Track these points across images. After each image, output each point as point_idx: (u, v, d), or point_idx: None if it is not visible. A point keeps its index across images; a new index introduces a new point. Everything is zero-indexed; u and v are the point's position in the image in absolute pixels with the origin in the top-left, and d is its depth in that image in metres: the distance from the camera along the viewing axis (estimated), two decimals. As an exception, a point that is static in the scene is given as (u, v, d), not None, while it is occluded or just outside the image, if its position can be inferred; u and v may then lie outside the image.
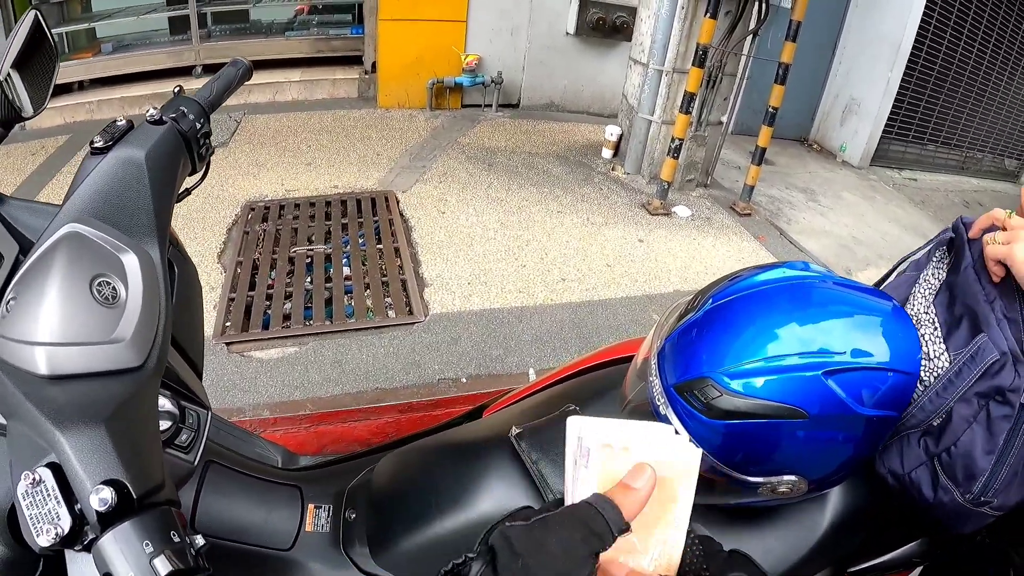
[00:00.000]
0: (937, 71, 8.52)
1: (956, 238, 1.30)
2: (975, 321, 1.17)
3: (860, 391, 1.07)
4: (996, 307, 1.14)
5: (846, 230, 6.48)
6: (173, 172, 1.03)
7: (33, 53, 1.10)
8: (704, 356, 1.11)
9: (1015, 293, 1.14)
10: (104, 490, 0.67)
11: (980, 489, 1.14)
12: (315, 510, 1.39)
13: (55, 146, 5.70)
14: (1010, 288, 1.15)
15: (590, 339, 3.91)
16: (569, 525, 0.73)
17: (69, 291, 0.80)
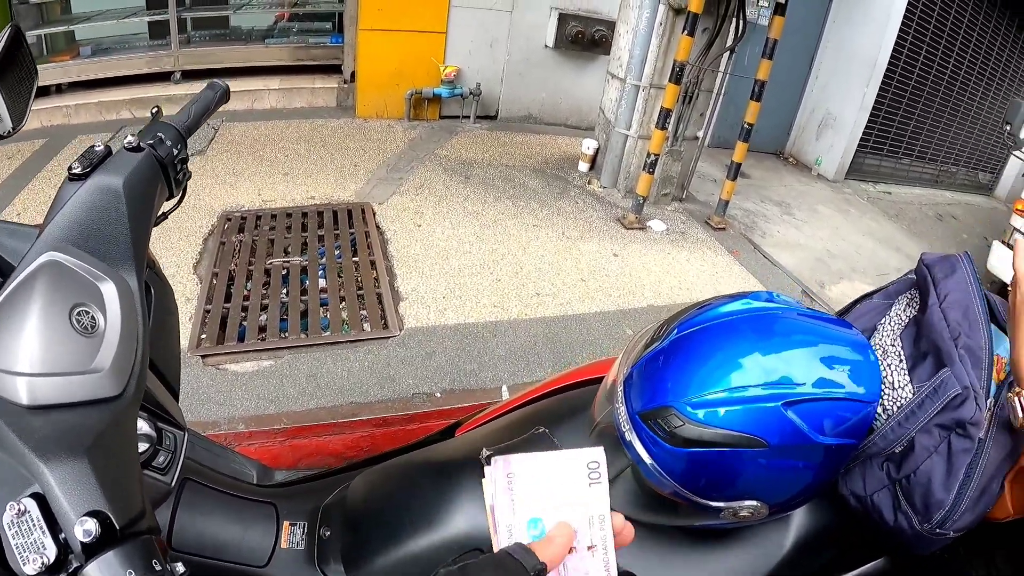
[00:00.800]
0: (912, 86, 8.62)
1: (919, 278, 1.34)
2: (939, 357, 1.20)
3: (820, 421, 1.10)
4: (959, 343, 1.18)
5: (820, 243, 6.53)
6: (151, 199, 1.04)
7: (11, 68, 1.11)
8: (668, 385, 1.14)
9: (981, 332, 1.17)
10: (88, 521, 0.69)
11: (939, 520, 1.17)
12: (290, 527, 1.40)
13: (31, 150, 5.64)
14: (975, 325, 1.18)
15: (564, 354, 3.93)
16: (486, 570, 0.76)
17: (49, 321, 0.81)
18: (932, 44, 8.49)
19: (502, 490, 0.84)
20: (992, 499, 1.17)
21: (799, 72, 8.82)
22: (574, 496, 0.84)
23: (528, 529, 0.83)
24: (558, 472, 0.85)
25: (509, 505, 0.83)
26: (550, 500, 0.84)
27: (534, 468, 0.85)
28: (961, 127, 9.58)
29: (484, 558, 0.80)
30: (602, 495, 0.84)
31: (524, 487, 0.84)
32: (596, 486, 0.85)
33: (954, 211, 9.01)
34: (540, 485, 0.84)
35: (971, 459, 1.14)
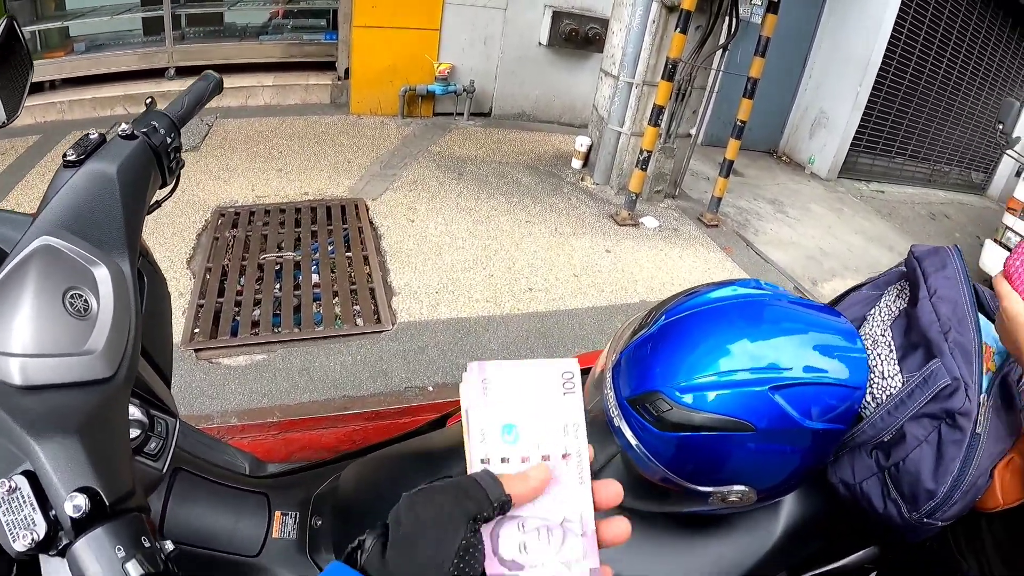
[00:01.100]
0: (905, 86, 8.65)
1: (909, 270, 1.35)
2: (929, 348, 1.21)
3: (807, 405, 1.11)
4: (950, 338, 1.19)
5: (813, 241, 6.55)
6: (144, 186, 1.04)
7: (6, 60, 1.12)
8: (657, 370, 1.15)
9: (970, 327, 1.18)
10: (78, 497, 0.69)
11: (928, 510, 1.18)
12: (282, 517, 1.40)
13: (25, 146, 5.63)
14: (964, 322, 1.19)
15: (556, 348, 3.94)
16: (445, 492, 0.74)
17: (42, 303, 0.82)
18: (925, 44, 8.52)
19: (477, 394, 0.83)
20: (981, 489, 1.18)
21: (792, 71, 8.84)
22: (548, 404, 0.84)
23: (502, 435, 0.83)
24: (532, 380, 0.84)
25: (484, 409, 0.83)
26: (524, 407, 0.83)
27: (509, 374, 0.84)
28: (954, 127, 9.62)
29: (448, 481, 0.78)
30: (576, 404, 0.84)
31: (498, 392, 0.83)
32: (570, 395, 0.84)
33: (947, 210, 9.03)
34: (514, 391, 0.84)
35: (965, 453, 1.15)
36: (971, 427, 1.15)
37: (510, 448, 0.82)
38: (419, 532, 0.70)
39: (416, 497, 0.73)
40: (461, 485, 0.75)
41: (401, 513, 0.71)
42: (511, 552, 0.78)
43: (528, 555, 0.79)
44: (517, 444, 0.82)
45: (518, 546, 0.79)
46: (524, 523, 0.80)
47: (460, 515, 0.72)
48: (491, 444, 0.82)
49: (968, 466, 1.14)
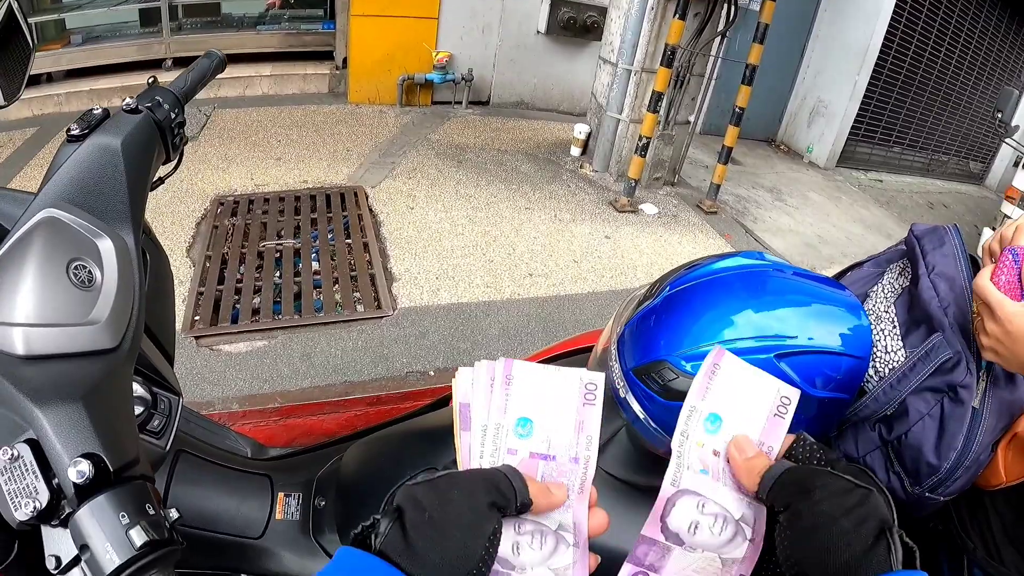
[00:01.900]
0: (904, 75, 8.63)
1: (908, 249, 1.34)
2: (931, 324, 1.20)
3: (812, 373, 1.11)
4: (949, 313, 1.18)
5: (811, 229, 6.55)
6: (148, 160, 1.04)
7: (7, 43, 1.11)
8: (662, 340, 1.14)
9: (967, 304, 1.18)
10: (82, 463, 0.69)
11: (931, 485, 1.18)
12: (285, 498, 1.40)
13: (22, 139, 5.64)
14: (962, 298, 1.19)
15: (556, 333, 3.94)
16: (474, 480, 0.74)
17: (46, 274, 0.81)
18: (924, 33, 8.50)
19: (483, 389, 0.84)
20: (983, 464, 1.18)
21: (791, 60, 8.82)
22: (568, 408, 0.85)
23: (516, 427, 0.84)
24: (556, 383, 0.86)
25: (501, 404, 0.84)
26: (543, 405, 0.85)
27: (533, 375, 0.85)
28: (952, 116, 9.60)
29: (474, 471, 0.79)
30: (595, 417, 0.85)
31: (520, 390, 0.85)
32: (590, 406, 0.85)
33: (945, 199, 9.03)
34: (536, 390, 0.85)
35: (968, 428, 1.15)
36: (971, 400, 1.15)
37: (522, 442, 0.83)
38: (449, 519, 0.70)
39: (439, 482, 0.73)
40: (489, 477, 0.75)
41: (421, 497, 0.71)
42: (504, 551, 0.78)
43: (519, 557, 0.79)
44: (530, 439, 0.84)
45: (511, 546, 0.79)
46: (520, 524, 0.81)
47: (490, 506, 0.72)
48: (503, 435, 0.83)
49: (971, 442, 1.14)
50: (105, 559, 0.67)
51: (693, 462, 0.88)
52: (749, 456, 0.86)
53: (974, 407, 1.14)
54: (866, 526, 0.73)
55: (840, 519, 0.73)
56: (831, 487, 0.77)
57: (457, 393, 0.84)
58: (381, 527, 0.70)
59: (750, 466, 0.85)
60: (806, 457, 0.87)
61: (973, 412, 1.14)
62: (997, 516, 1.26)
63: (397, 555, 0.67)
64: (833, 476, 0.79)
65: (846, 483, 0.77)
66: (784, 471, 0.82)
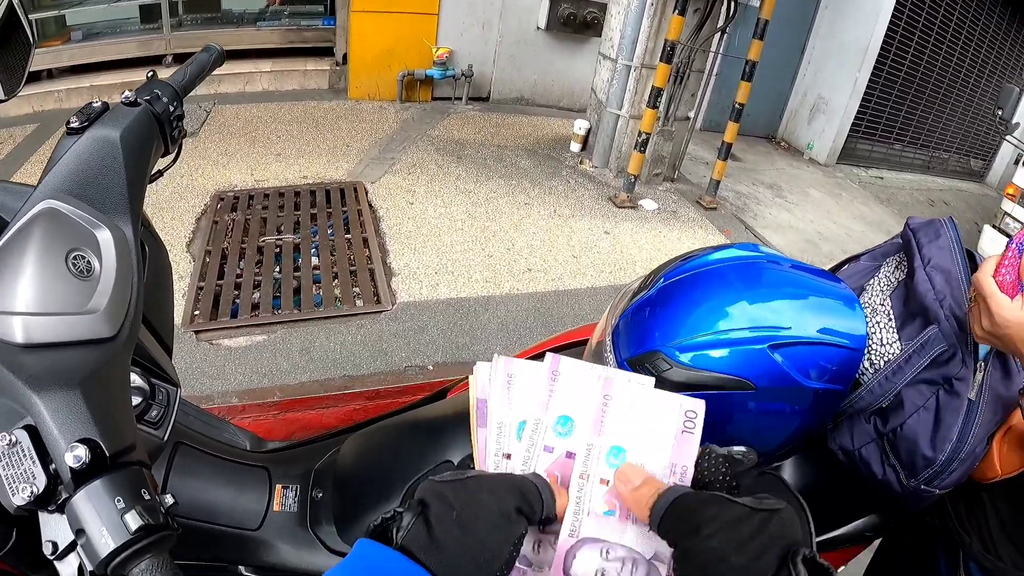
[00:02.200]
0: (904, 72, 8.63)
1: (904, 242, 1.35)
2: (927, 316, 1.21)
3: (806, 364, 1.11)
4: (945, 305, 1.19)
5: (811, 226, 6.55)
6: (147, 153, 1.04)
7: (8, 38, 1.12)
8: (656, 331, 1.15)
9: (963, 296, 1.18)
10: (79, 448, 0.70)
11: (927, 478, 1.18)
12: (283, 490, 1.40)
13: (23, 135, 5.64)
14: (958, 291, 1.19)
15: (555, 328, 3.94)
16: (503, 485, 0.74)
17: (45, 264, 0.82)
18: (924, 30, 8.50)
19: (500, 386, 0.83)
20: (978, 457, 1.19)
21: (791, 56, 8.82)
22: (665, 436, 0.83)
23: (556, 424, 0.83)
24: (652, 407, 0.85)
25: (544, 399, 0.83)
26: (636, 430, 0.83)
27: (582, 374, 0.85)
28: (953, 113, 9.60)
29: (502, 475, 0.78)
30: (694, 446, 0.83)
31: (565, 388, 0.83)
32: (688, 435, 0.83)
33: (945, 197, 9.04)
34: (624, 409, 0.83)
35: (963, 421, 1.15)
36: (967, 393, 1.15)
37: (560, 440, 0.82)
38: (478, 520, 0.70)
39: (468, 482, 0.74)
40: (518, 483, 0.75)
41: (449, 494, 0.72)
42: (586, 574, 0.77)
43: None
44: (568, 438, 0.83)
45: (596, 572, 0.78)
46: (609, 550, 0.79)
47: (517, 511, 0.72)
48: (541, 431, 0.82)
49: (967, 435, 1.15)
50: (100, 543, 0.67)
51: (596, 505, 0.82)
52: (635, 486, 0.80)
53: (970, 399, 1.15)
54: (764, 559, 0.68)
55: (731, 556, 0.68)
56: (722, 518, 0.71)
57: (475, 389, 0.84)
58: (404, 521, 0.71)
59: (637, 497, 0.79)
60: (711, 471, 0.83)
61: (969, 404, 1.15)
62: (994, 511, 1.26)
63: (420, 551, 0.68)
64: (726, 503, 0.73)
65: (740, 510, 0.72)
66: (672, 502, 0.76)
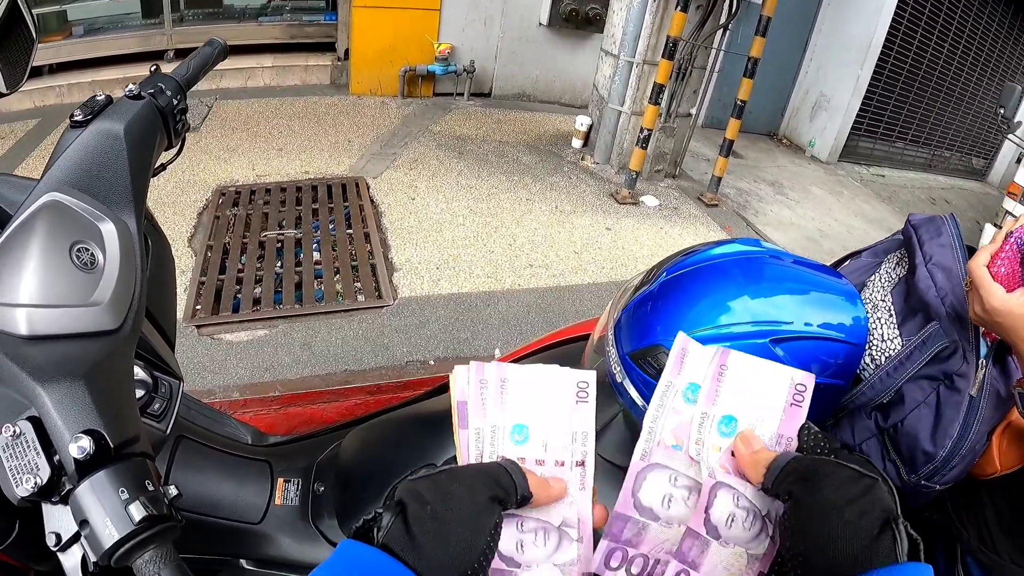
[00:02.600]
0: (907, 70, 8.62)
1: (905, 238, 1.35)
2: (928, 313, 1.21)
3: (807, 359, 1.11)
4: (947, 303, 1.19)
5: (813, 223, 6.55)
6: (150, 146, 1.04)
7: (10, 32, 1.12)
8: (658, 325, 1.15)
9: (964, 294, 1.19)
10: (83, 439, 0.70)
11: (927, 473, 1.18)
12: (284, 484, 1.40)
13: (24, 130, 5.64)
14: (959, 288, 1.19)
15: (556, 323, 3.94)
16: (474, 475, 0.75)
17: (49, 256, 0.82)
18: (927, 28, 8.49)
19: (475, 392, 0.84)
20: (978, 454, 1.19)
21: (793, 53, 8.81)
22: (561, 410, 0.85)
23: (512, 434, 0.84)
24: (548, 386, 0.86)
25: (498, 407, 0.84)
26: (537, 410, 0.85)
27: (526, 377, 0.86)
28: (955, 112, 9.59)
29: (474, 465, 0.80)
30: (589, 413, 0.86)
31: (515, 394, 0.85)
32: (583, 404, 0.86)
33: (947, 195, 9.04)
34: (528, 394, 0.85)
35: (965, 418, 1.15)
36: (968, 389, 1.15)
37: (519, 448, 0.84)
38: (451, 513, 0.71)
39: (440, 477, 0.74)
40: (488, 471, 0.77)
41: (424, 491, 0.72)
42: (508, 549, 0.80)
43: (524, 554, 0.81)
44: (526, 445, 0.84)
45: (515, 544, 0.80)
46: (523, 522, 0.82)
47: (490, 500, 0.73)
48: (500, 443, 0.84)
49: (968, 432, 1.15)
50: (104, 534, 0.68)
51: (715, 467, 0.87)
52: (755, 450, 0.85)
53: (971, 395, 1.15)
54: (871, 516, 0.71)
55: (844, 508, 0.72)
56: (835, 476, 0.75)
57: (455, 391, 0.85)
58: (383, 521, 0.72)
59: (755, 459, 0.84)
60: (811, 446, 0.86)
61: (971, 401, 1.15)
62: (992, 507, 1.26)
63: (400, 548, 0.68)
64: (837, 465, 0.78)
65: (850, 472, 0.76)
66: (788, 461, 0.80)
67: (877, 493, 0.74)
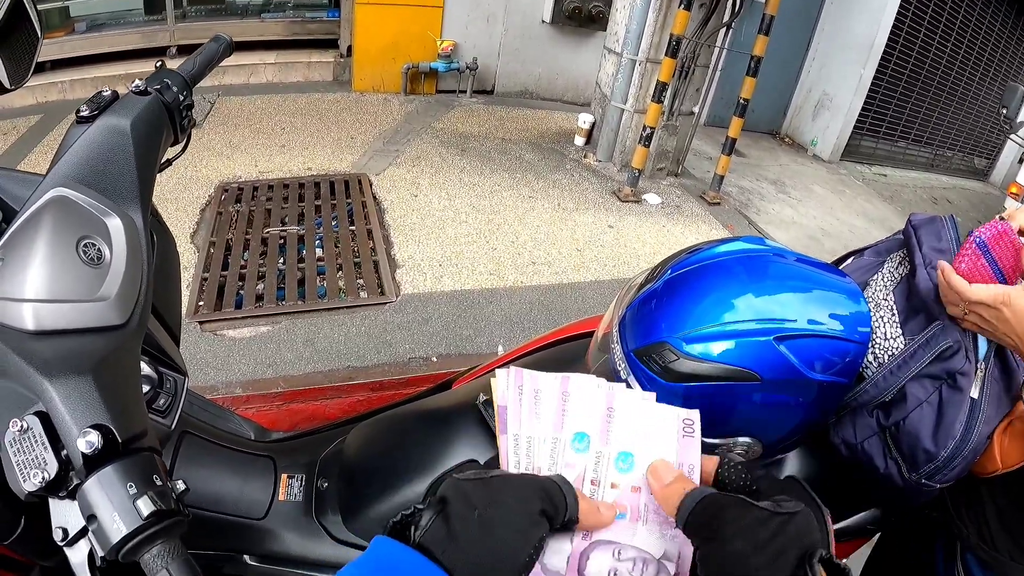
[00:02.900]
0: (909, 70, 8.62)
1: (906, 238, 1.35)
2: (930, 313, 1.21)
3: (811, 357, 1.11)
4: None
5: (815, 222, 6.55)
6: (156, 141, 1.05)
7: (14, 28, 1.12)
8: (663, 323, 1.15)
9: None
10: (91, 433, 0.70)
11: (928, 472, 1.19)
12: (288, 480, 1.40)
13: (27, 126, 5.64)
14: None
15: (559, 321, 3.93)
16: (527, 486, 0.74)
17: (56, 251, 0.82)
18: (930, 28, 8.49)
19: (514, 398, 0.84)
20: (979, 453, 1.19)
21: (796, 52, 8.81)
22: (668, 444, 0.85)
23: (573, 441, 0.83)
24: (653, 418, 0.86)
25: (558, 420, 0.84)
26: (641, 441, 0.85)
27: (626, 402, 0.86)
28: (958, 112, 9.59)
29: (526, 476, 0.78)
30: (695, 448, 0.85)
31: (578, 406, 0.85)
32: (688, 439, 0.85)
33: (949, 195, 9.03)
34: (633, 421, 0.85)
35: (967, 418, 1.15)
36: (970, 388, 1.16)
37: (579, 456, 0.83)
38: (501, 520, 0.69)
39: (493, 482, 0.73)
40: (542, 485, 0.75)
41: (472, 493, 0.71)
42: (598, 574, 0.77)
43: None
44: (586, 454, 0.84)
45: (608, 572, 0.78)
46: (620, 551, 0.80)
47: (540, 513, 0.72)
48: (560, 449, 0.83)
49: (970, 433, 1.15)
50: (112, 528, 0.68)
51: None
52: (667, 483, 0.81)
53: (973, 397, 1.15)
54: (782, 560, 0.69)
55: (751, 558, 0.70)
56: (743, 521, 0.73)
57: (496, 395, 0.84)
58: (423, 519, 0.70)
59: (667, 494, 0.80)
60: (731, 479, 0.83)
61: (972, 403, 1.15)
62: (993, 504, 1.27)
63: (440, 552, 0.67)
64: (748, 507, 0.74)
65: (760, 513, 0.73)
66: (698, 501, 0.77)
67: (791, 531, 0.71)
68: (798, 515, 0.73)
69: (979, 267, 1.12)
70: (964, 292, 1.11)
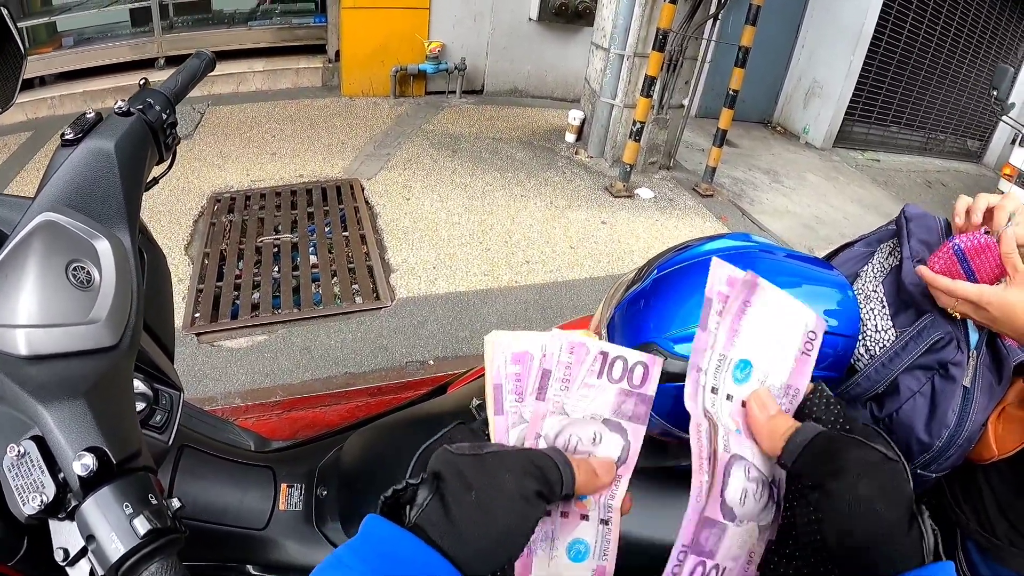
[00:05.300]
0: (899, 54, 8.62)
1: (897, 228, 1.36)
2: (920, 305, 1.22)
3: None
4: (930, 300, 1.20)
5: (809, 210, 6.56)
6: (141, 161, 1.05)
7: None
8: (651, 323, 1.15)
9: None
10: (86, 456, 0.71)
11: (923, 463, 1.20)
12: (288, 489, 1.41)
13: (17, 143, 5.64)
14: None
15: (554, 319, 3.96)
16: (524, 464, 0.71)
17: (46, 276, 0.83)
18: (918, 10, 8.48)
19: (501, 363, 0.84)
20: (973, 441, 1.20)
21: (785, 40, 8.81)
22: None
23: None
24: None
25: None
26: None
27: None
28: (949, 94, 9.59)
29: (522, 451, 0.75)
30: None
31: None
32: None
33: (943, 178, 9.03)
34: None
35: (960, 408, 1.16)
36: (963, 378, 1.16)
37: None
38: (498, 501, 0.67)
39: (488, 460, 0.71)
40: (540, 463, 0.72)
41: (467, 471, 0.69)
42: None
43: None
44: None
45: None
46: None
47: (537, 493, 0.70)
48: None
49: (964, 422, 1.16)
50: (110, 548, 0.69)
51: (727, 421, 0.82)
52: (772, 415, 0.80)
53: (965, 386, 1.16)
54: (899, 508, 0.69)
55: (878, 504, 0.69)
56: (866, 463, 0.71)
57: (491, 371, 0.83)
58: (419, 498, 0.69)
59: (772, 427, 0.79)
60: (822, 411, 0.83)
61: (965, 391, 1.16)
62: (990, 490, 1.27)
63: (437, 535, 0.65)
64: (863, 448, 0.73)
65: (877, 456, 0.72)
66: (810, 439, 0.76)
67: (902, 479, 0.71)
68: (901, 462, 0.73)
69: (953, 272, 1.13)
70: (950, 290, 1.12)
